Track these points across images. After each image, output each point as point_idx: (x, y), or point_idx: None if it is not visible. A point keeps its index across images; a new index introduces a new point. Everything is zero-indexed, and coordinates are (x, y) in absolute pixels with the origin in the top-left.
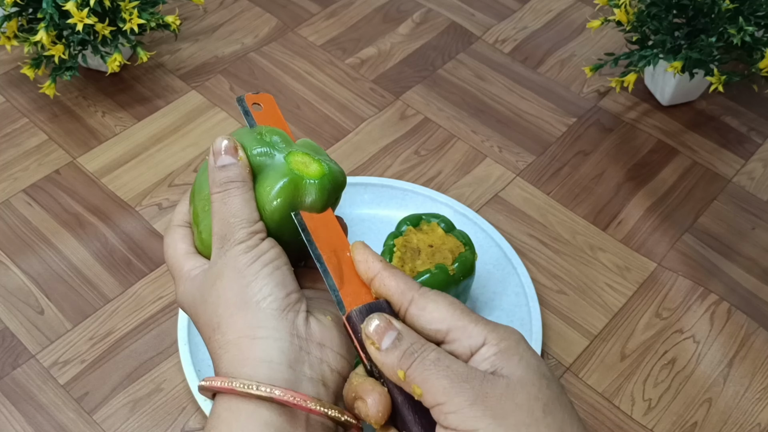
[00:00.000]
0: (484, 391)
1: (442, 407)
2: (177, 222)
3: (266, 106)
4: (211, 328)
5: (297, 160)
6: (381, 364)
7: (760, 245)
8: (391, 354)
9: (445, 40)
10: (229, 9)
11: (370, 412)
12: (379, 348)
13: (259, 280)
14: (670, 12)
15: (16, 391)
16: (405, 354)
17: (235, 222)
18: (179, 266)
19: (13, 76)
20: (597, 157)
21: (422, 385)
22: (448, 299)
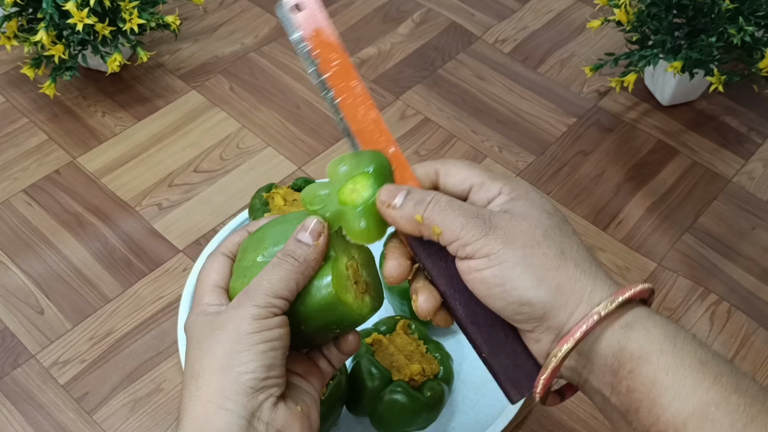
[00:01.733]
0: (494, 223)
1: (460, 241)
2: (223, 250)
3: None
4: (191, 375)
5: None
6: (399, 218)
7: (760, 245)
8: (406, 206)
9: (445, 40)
10: (229, 9)
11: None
12: (393, 206)
13: (250, 354)
14: (670, 12)
15: (16, 391)
16: (417, 202)
17: (264, 287)
18: (201, 294)
19: (13, 76)
20: (597, 157)
21: (441, 224)
22: (467, 162)
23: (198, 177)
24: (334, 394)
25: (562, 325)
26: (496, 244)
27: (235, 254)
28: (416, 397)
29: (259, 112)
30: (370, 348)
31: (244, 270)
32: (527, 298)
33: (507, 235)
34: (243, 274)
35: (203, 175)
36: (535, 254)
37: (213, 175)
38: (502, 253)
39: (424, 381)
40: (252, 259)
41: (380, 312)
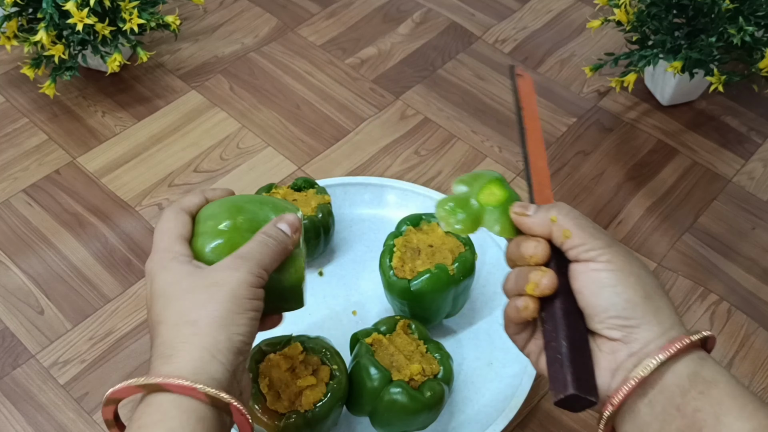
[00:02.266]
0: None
1: (584, 246)
2: (185, 208)
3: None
4: (186, 320)
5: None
6: (532, 223)
7: (760, 245)
8: (539, 213)
9: (445, 40)
10: (229, 9)
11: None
12: (528, 214)
13: (243, 318)
14: (670, 12)
15: (16, 391)
16: (550, 208)
17: (256, 258)
18: (170, 242)
19: (13, 76)
20: (597, 157)
21: (572, 227)
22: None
23: (198, 177)
24: (334, 394)
25: (648, 340)
26: (616, 256)
27: (195, 214)
28: (416, 397)
29: (259, 112)
30: (370, 348)
31: (219, 233)
32: (634, 301)
33: (624, 257)
34: (218, 235)
35: (203, 175)
36: (645, 279)
37: (213, 175)
38: (621, 263)
39: (424, 381)
40: (229, 224)
41: (381, 312)
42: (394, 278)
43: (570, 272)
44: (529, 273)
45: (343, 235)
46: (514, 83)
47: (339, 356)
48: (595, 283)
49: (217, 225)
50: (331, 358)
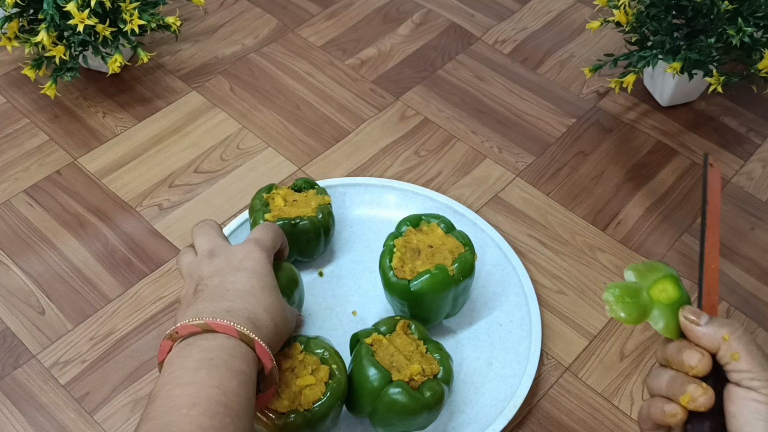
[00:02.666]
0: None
1: (750, 374)
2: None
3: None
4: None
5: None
6: (702, 334)
7: (760, 245)
8: (711, 326)
9: (444, 41)
10: (229, 10)
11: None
12: (700, 324)
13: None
14: (669, 13)
15: (17, 391)
16: (723, 324)
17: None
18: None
19: (14, 76)
20: (596, 158)
21: (742, 351)
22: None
23: (198, 177)
24: (333, 394)
25: None
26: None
27: None
28: (416, 397)
29: (260, 112)
30: (370, 348)
31: None
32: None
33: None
34: None
35: (204, 176)
36: None
37: (213, 176)
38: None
39: (424, 381)
40: None
41: (380, 312)
42: (394, 278)
43: (727, 393)
44: (688, 384)
45: (343, 235)
46: (705, 173)
47: (338, 356)
48: (753, 414)
49: None
50: (331, 357)
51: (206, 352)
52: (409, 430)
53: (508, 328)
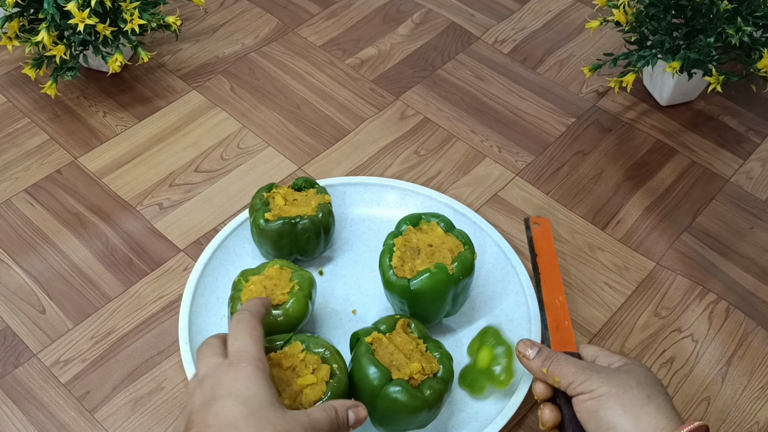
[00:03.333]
0: (597, 370)
1: (573, 383)
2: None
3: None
4: None
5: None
6: (531, 367)
7: (759, 244)
8: (536, 359)
9: (444, 41)
10: (229, 9)
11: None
12: (529, 358)
13: None
14: (668, 12)
15: (18, 390)
16: (545, 358)
17: None
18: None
19: (15, 76)
20: (596, 157)
21: (558, 374)
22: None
23: (199, 177)
24: (334, 393)
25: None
26: (596, 383)
27: None
28: (416, 396)
29: (260, 112)
30: (370, 347)
31: None
32: (614, 422)
33: (606, 378)
34: None
35: (204, 175)
36: (626, 393)
37: (214, 175)
38: (599, 389)
39: (424, 380)
40: None
41: (380, 311)
42: (394, 277)
43: (573, 407)
44: (539, 410)
45: (343, 234)
46: (528, 234)
47: (339, 355)
48: (585, 413)
49: None
50: (331, 356)
51: None
52: (408, 429)
53: (508, 327)
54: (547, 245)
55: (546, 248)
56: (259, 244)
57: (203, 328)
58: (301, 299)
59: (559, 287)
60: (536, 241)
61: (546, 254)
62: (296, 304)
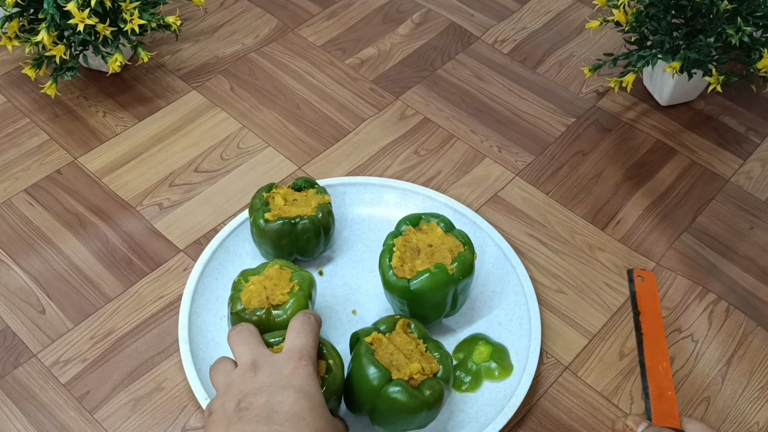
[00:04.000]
0: None
1: None
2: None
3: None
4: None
5: None
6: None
7: (759, 245)
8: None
9: (444, 41)
10: (229, 9)
11: None
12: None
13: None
14: (668, 12)
15: (18, 390)
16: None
17: None
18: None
19: (15, 76)
20: (596, 157)
21: None
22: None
23: (199, 177)
24: (329, 389)
25: None
26: None
27: None
28: (416, 396)
29: (260, 112)
30: (370, 347)
31: None
32: None
33: None
34: None
35: (204, 175)
36: None
37: (213, 175)
38: None
39: (424, 380)
40: None
41: (380, 311)
42: (394, 278)
43: None
44: None
45: (343, 234)
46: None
47: (335, 350)
48: None
49: None
50: (327, 352)
51: None
52: (408, 429)
53: (508, 327)
54: (653, 304)
55: (651, 307)
56: (258, 244)
57: (203, 328)
58: (301, 299)
59: (663, 352)
60: (639, 296)
61: (650, 314)
62: (296, 305)
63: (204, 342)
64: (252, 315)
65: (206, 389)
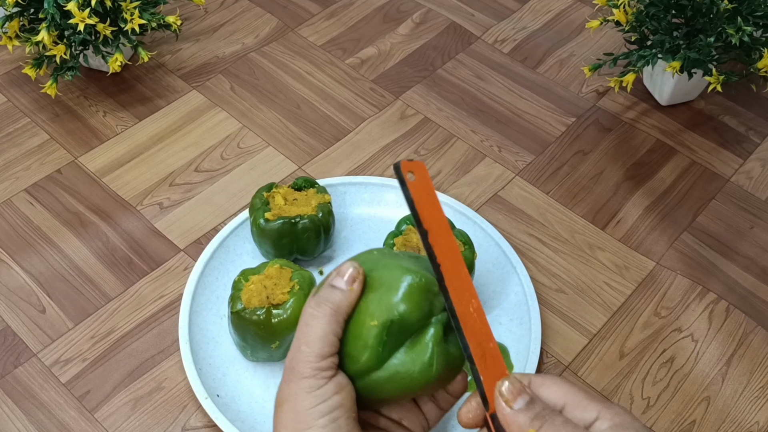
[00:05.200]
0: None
1: None
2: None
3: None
4: None
5: None
6: (512, 422)
7: (759, 244)
8: (523, 414)
9: (444, 40)
10: (229, 9)
11: None
12: (512, 407)
13: (313, 430)
14: (668, 12)
15: (18, 390)
16: (537, 416)
17: (306, 352)
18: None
19: (15, 76)
20: (596, 157)
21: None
22: (564, 380)
23: (199, 176)
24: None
25: None
26: None
27: None
28: None
29: (260, 111)
30: None
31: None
32: None
33: None
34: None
35: (204, 175)
36: None
37: (214, 175)
38: None
39: None
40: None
41: None
42: None
43: None
44: None
45: (343, 234)
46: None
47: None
48: None
49: None
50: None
51: None
52: None
53: (508, 326)
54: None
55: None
56: (259, 244)
57: (203, 327)
58: (301, 299)
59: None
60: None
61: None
62: (296, 304)
63: (204, 341)
64: (252, 314)
65: (206, 389)
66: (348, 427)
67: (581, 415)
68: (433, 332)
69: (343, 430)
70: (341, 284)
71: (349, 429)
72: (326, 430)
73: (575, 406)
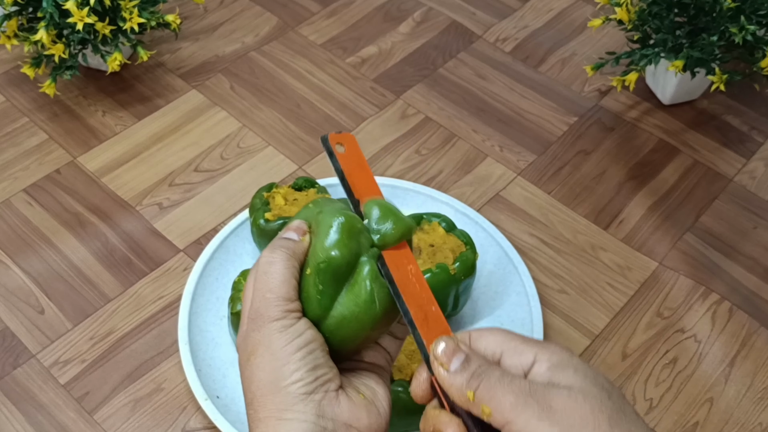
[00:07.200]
0: (548, 404)
1: (511, 425)
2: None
3: (348, 147)
4: (247, 402)
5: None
6: (449, 385)
7: (762, 244)
8: (460, 376)
9: (445, 39)
10: (229, 8)
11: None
12: (448, 369)
13: (291, 364)
14: (671, 11)
15: (17, 391)
16: (473, 375)
17: (271, 298)
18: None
19: (13, 75)
20: (598, 157)
21: (490, 403)
22: (501, 329)
23: (198, 176)
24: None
25: None
26: (546, 427)
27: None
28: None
29: (260, 111)
30: None
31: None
32: None
33: (565, 422)
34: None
35: (204, 175)
36: (603, 413)
37: (213, 175)
38: (564, 422)
39: None
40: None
41: None
42: None
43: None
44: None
45: None
46: (337, 166)
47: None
48: None
49: None
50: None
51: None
52: (410, 430)
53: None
54: (366, 180)
55: (366, 186)
56: (259, 244)
57: (203, 328)
58: None
59: (403, 251)
60: (350, 176)
61: (370, 195)
62: None
63: (204, 342)
64: None
65: (206, 390)
66: (324, 359)
67: (518, 360)
68: (368, 269)
69: (320, 361)
70: (292, 235)
71: (326, 360)
72: (304, 362)
73: (512, 352)
